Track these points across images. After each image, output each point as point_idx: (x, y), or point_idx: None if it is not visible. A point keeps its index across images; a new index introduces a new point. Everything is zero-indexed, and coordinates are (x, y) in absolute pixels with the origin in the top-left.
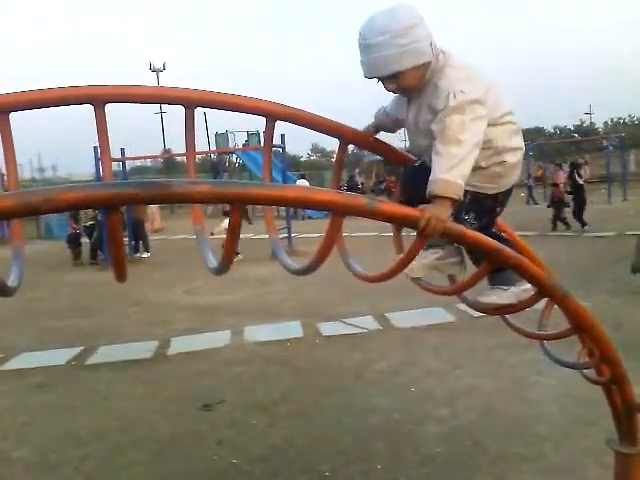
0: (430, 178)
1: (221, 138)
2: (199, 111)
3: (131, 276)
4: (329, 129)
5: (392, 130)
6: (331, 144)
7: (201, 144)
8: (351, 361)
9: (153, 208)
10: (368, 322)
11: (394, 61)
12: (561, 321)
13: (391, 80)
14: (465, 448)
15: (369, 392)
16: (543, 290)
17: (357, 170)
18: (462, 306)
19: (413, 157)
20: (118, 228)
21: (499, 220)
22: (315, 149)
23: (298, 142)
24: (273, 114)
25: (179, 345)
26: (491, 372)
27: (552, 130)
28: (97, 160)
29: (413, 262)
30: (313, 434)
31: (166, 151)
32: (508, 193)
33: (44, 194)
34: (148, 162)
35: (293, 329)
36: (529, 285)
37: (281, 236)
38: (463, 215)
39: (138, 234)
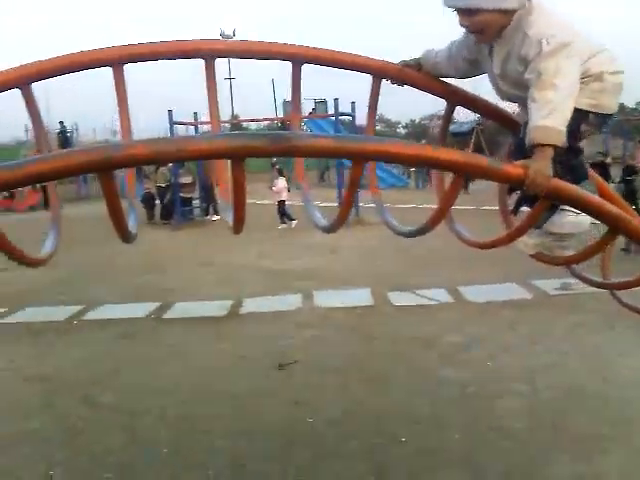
0: (528, 127)
1: (289, 106)
2: (267, 78)
3: (202, 237)
4: (359, 65)
5: (440, 73)
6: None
7: (267, 112)
8: (422, 332)
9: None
10: (440, 294)
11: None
12: None
13: (466, 16)
14: (547, 426)
15: (443, 364)
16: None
17: None
18: (538, 283)
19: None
20: (244, 179)
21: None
22: (380, 119)
23: (363, 111)
24: (298, 57)
25: (252, 305)
26: (571, 350)
27: (634, 106)
28: (172, 125)
29: (528, 239)
30: (386, 400)
31: (234, 117)
32: (602, 119)
33: (177, 143)
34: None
35: (363, 297)
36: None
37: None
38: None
39: (209, 197)
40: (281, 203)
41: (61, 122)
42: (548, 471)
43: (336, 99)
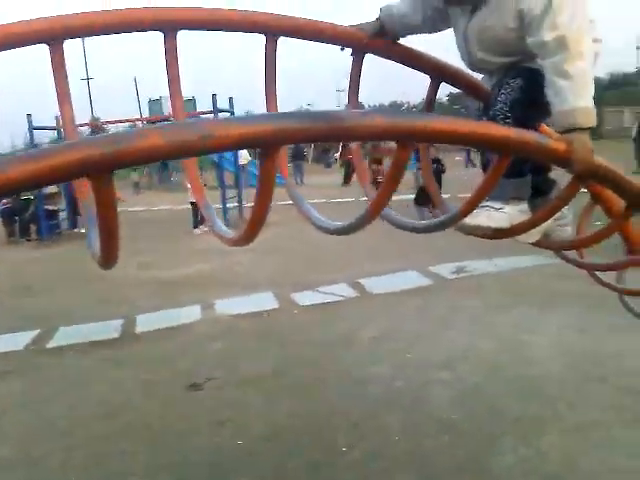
0: (560, 108)
1: (155, 105)
2: (129, 76)
3: (74, 252)
4: (340, 37)
5: (399, 35)
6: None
7: (131, 111)
8: (336, 330)
9: None
10: (343, 290)
11: None
12: None
13: None
14: (481, 412)
15: (363, 361)
16: None
17: None
18: (435, 268)
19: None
20: (274, 173)
21: None
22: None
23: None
24: (273, 29)
25: (147, 322)
26: (482, 333)
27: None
28: (31, 130)
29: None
30: (317, 408)
31: (94, 119)
32: None
33: (200, 128)
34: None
35: (267, 300)
36: (526, 206)
37: (231, 205)
38: (507, 80)
39: (77, 207)
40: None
41: None
42: (497, 460)
43: (214, 95)
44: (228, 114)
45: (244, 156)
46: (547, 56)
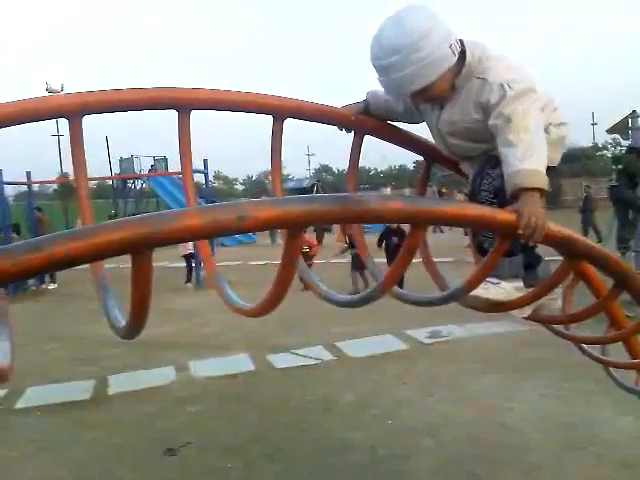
0: (507, 173)
1: (126, 163)
2: (102, 135)
3: (43, 308)
4: (343, 119)
5: (381, 118)
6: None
7: (102, 169)
8: (315, 395)
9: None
10: (320, 352)
11: (415, 79)
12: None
13: (419, 95)
14: None
15: (344, 427)
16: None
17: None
18: (412, 332)
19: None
20: (299, 251)
21: None
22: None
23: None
24: (280, 111)
25: (120, 384)
26: (462, 400)
27: None
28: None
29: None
30: (298, 477)
31: (63, 175)
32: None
33: (236, 210)
34: (35, 187)
35: (243, 362)
36: (522, 283)
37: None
38: (487, 170)
39: None
40: (189, 256)
41: None
42: None
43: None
44: (202, 175)
45: None
46: (498, 135)
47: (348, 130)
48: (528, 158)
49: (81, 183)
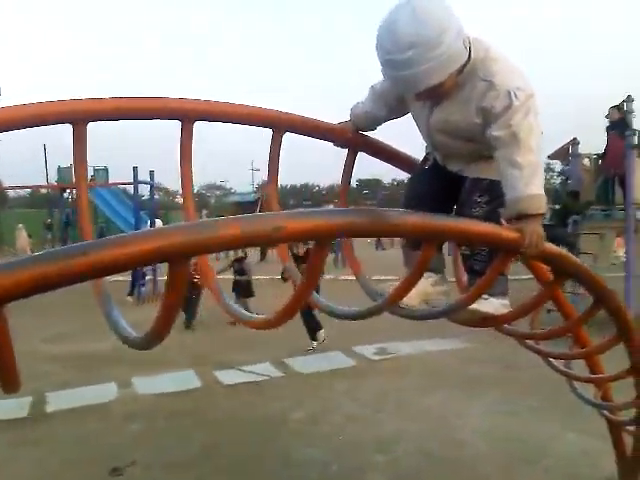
0: (512, 195)
1: (65, 172)
2: (40, 144)
3: None
4: (340, 136)
5: (369, 129)
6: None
7: (37, 178)
8: (266, 411)
9: None
10: (268, 369)
11: (429, 76)
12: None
13: (427, 92)
14: None
15: (296, 443)
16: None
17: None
18: (359, 349)
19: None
20: (322, 264)
21: None
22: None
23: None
24: (281, 124)
25: (59, 401)
26: (411, 415)
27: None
28: None
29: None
30: None
31: None
32: None
33: (273, 221)
34: None
35: (189, 379)
36: (507, 301)
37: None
38: (476, 197)
39: None
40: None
41: None
42: None
43: (135, 167)
44: (148, 186)
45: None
46: (500, 148)
47: (343, 146)
48: (534, 183)
49: (82, 192)
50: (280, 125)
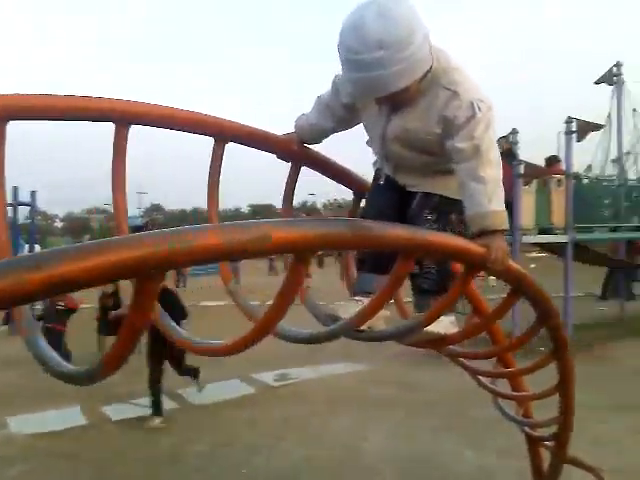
0: (474, 210)
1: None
2: None
3: None
4: (285, 148)
5: (315, 142)
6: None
7: None
8: (159, 446)
9: None
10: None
11: (398, 79)
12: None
13: (390, 97)
14: None
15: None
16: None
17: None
18: (258, 376)
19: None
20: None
21: None
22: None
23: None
24: (225, 133)
25: None
26: (316, 442)
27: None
28: None
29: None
30: None
31: None
32: None
33: (256, 230)
34: None
35: (73, 416)
36: (454, 317)
37: None
38: (426, 214)
39: None
40: None
41: None
42: None
43: (15, 187)
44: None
45: None
46: (462, 161)
47: (287, 160)
48: (496, 199)
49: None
50: (224, 134)
